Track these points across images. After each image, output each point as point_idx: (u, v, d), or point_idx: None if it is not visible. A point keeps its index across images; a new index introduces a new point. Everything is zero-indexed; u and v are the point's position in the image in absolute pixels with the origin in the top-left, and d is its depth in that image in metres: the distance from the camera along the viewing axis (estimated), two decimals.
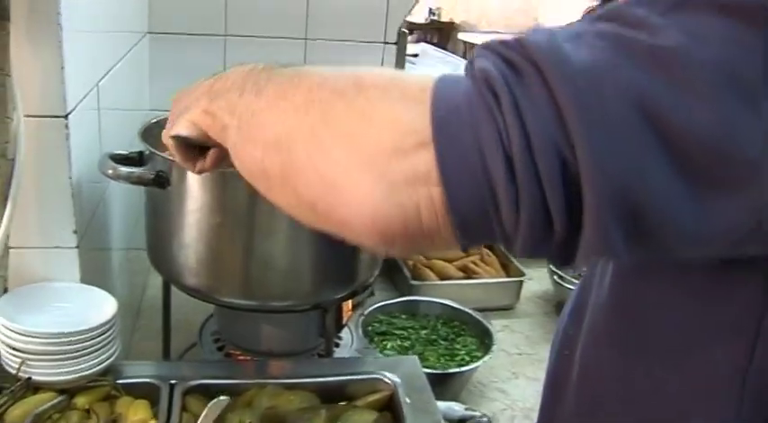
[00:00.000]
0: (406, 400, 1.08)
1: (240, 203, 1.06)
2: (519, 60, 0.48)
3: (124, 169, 1.06)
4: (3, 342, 1.01)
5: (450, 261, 1.84)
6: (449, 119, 0.48)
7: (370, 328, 1.49)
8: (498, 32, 7.43)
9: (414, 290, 1.68)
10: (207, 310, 1.44)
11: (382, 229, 0.51)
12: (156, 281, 1.51)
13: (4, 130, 0.97)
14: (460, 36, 7.35)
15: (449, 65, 2.00)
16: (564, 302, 1.82)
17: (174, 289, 1.27)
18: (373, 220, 0.50)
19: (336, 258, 1.13)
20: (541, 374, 1.59)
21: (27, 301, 1.05)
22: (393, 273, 1.80)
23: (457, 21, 7.91)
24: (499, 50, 0.49)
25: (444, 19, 7.89)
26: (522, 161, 0.45)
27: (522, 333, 1.77)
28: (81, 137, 1.09)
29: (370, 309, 1.51)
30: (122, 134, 1.46)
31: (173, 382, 1.07)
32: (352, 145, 0.51)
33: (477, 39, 7.45)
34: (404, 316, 1.57)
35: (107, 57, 1.34)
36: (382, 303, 1.55)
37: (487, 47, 0.51)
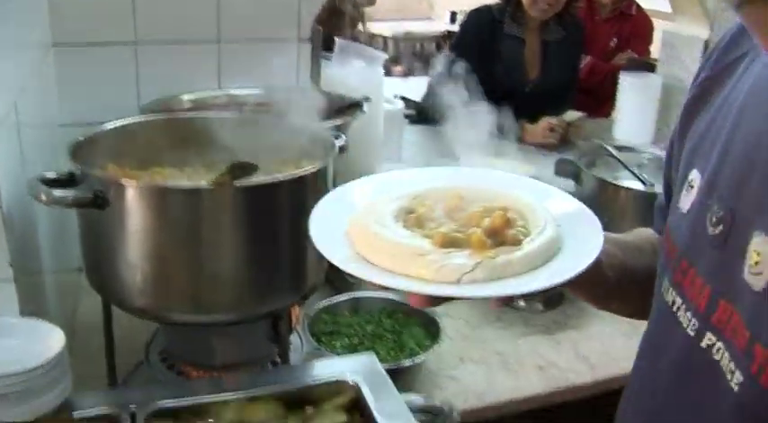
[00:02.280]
0: (371, 398, 1.08)
1: (183, 220, 1.03)
2: None
3: (58, 192, 1.02)
4: None
5: None
6: None
7: (316, 328, 1.48)
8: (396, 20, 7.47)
9: (353, 286, 1.67)
10: (149, 327, 1.40)
11: None
12: (87, 300, 1.46)
13: None
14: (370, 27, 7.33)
15: (363, 58, 2.00)
16: None
17: (112, 306, 1.23)
18: None
19: (284, 266, 1.12)
20: (487, 356, 1.64)
21: None
22: (330, 270, 1.79)
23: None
24: None
25: None
26: None
27: (462, 318, 1.80)
28: (4, 161, 1.04)
29: (315, 310, 1.51)
30: (41, 155, 1.40)
31: (132, 408, 1.04)
32: None
33: (386, 30, 7.45)
34: (347, 313, 1.57)
35: (18, 74, 1.27)
36: (326, 304, 1.54)
37: None
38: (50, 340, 1.03)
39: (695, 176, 0.80)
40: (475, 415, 1.51)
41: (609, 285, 0.93)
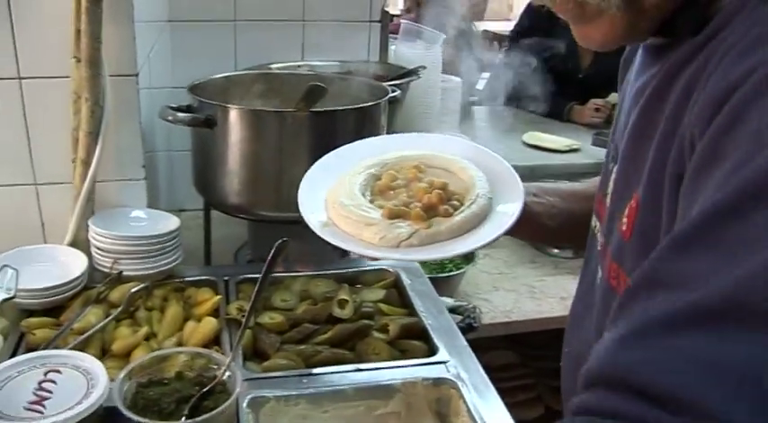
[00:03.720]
0: (407, 281, 1.41)
1: (272, 135, 1.38)
2: None
3: (181, 114, 1.38)
4: (96, 247, 1.33)
5: None
6: None
7: None
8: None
9: None
10: (237, 243, 1.76)
11: None
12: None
13: (98, 84, 1.29)
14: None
15: (424, 38, 2.31)
16: None
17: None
18: None
19: None
20: (517, 287, 1.94)
21: (112, 220, 1.37)
22: None
23: None
24: None
25: None
26: None
27: (501, 259, 2.11)
28: (143, 93, 1.42)
29: None
30: (161, 101, 1.78)
31: (226, 278, 1.39)
32: None
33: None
34: None
35: (150, 37, 1.65)
36: None
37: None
38: (169, 223, 1.40)
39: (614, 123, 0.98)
40: (502, 328, 1.82)
41: (550, 231, 1.14)
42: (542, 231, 1.15)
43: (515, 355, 2.41)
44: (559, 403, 2.38)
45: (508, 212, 1.03)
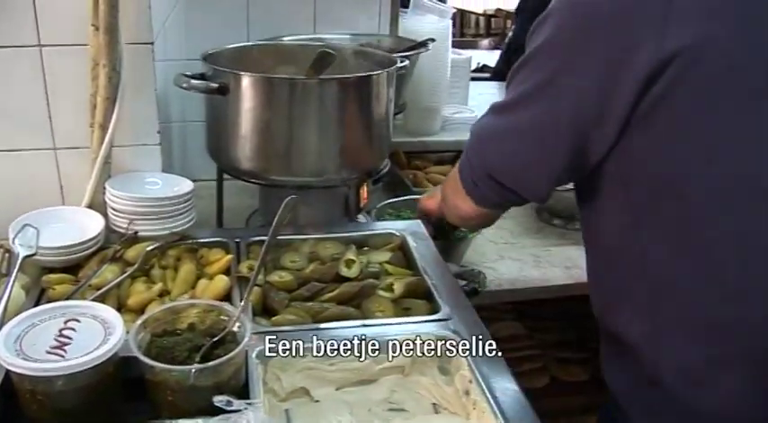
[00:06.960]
0: (413, 244, 1.45)
1: (283, 102, 1.42)
2: None
3: (195, 81, 1.42)
4: (113, 208, 1.39)
5: (444, 174, 2.20)
6: None
7: (381, 219, 1.85)
8: None
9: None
10: (248, 212, 1.82)
11: None
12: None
13: (115, 50, 1.33)
14: None
15: (434, 12, 2.34)
16: (544, 209, 2.17)
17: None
18: None
19: (354, 145, 1.49)
20: (522, 256, 1.98)
21: (128, 183, 1.43)
22: (396, 183, 2.17)
23: None
24: None
25: None
26: None
27: (507, 229, 2.14)
28: (158, 66, 1.46)
29: (381, 205, 1.88)
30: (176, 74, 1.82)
31: (237, 239, 1.44)
32: None
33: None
34: (408, 211, 1.93)
35: (165, 8, 1.69)
36: (390, 201, 1.91)
37: None
38: (183, 185, 1.45)
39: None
40: (507, 295, 1.86)
41: None
42: None
43: (521, 327, 2.46)
44: (565, 373, 2.41)
45: None
